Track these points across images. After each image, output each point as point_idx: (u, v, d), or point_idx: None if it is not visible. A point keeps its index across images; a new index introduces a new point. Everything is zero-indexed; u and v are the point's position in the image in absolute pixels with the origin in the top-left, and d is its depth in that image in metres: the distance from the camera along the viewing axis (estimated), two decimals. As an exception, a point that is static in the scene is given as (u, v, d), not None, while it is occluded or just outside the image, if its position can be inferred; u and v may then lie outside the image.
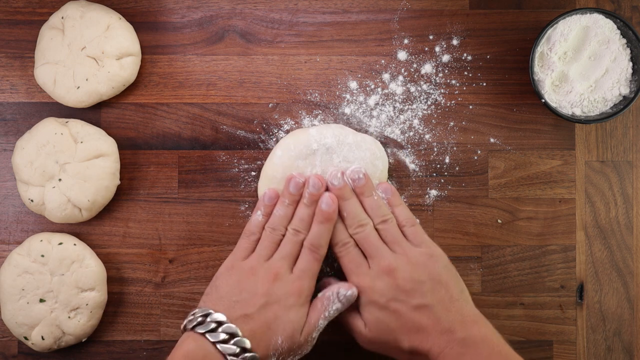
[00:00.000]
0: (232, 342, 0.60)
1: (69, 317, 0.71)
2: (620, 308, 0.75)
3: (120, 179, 0.74)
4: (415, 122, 0.75)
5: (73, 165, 0.71)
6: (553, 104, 0.72)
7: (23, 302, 0.71)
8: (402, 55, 0.75)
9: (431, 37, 0.75)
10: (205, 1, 0.76)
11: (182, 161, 0.75)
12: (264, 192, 0.71)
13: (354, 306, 0.67)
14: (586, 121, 0.72)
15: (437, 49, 0.75)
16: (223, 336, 0.60)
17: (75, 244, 0.72)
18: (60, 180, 0.71)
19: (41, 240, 0.72)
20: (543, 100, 0.72)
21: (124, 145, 0.75)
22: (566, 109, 0.72)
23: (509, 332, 0.75)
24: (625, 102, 0.71)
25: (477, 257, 0.75)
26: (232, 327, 0.61)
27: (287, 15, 0.76)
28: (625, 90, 0.71)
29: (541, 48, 0.72)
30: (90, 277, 0.72)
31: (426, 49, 0.75)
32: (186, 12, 0.76)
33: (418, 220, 0.73)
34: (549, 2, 0.76)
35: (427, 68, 0.75)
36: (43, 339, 0.71)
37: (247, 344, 0.60)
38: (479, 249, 0.75)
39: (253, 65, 0.76)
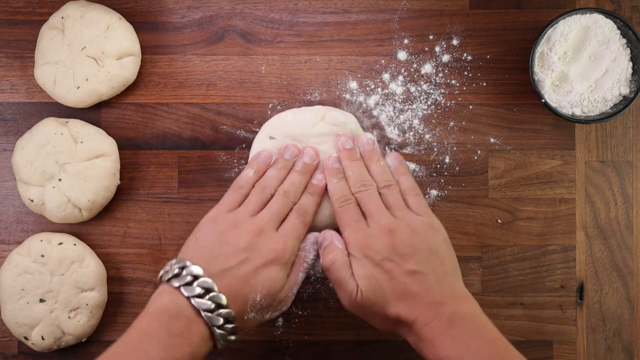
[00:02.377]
0: (207, 297, 0.59)
1: (69, 317, 0.71)
2: (620, 308, 0.75)
3: (120, 179, 0.74)
4: (415, 122, 0.75)
5: (73, 165, 0.71)
6: (553, 104, 0.72)
7: (23, 302, 0.71)
8: (402, 55, 0.75)
9: (431, 37, 0.75)
10: (205, 1, 0.76)
11: (182, 161, 0.75)
12: (258, 151, 0.70)
13: (347, 265, 0.64)
14: (586, 121, 0.72)
15: (437, 49, 0.75)
16: (198, 290, 0.59)
17: (75, 244, 0.72)
18: (60, 180, 0.71)
19: (41, 240, 0.72)
20: (543, 100, 0.72)
21: (124, 145, 0.75)
22: (566, 109, 0.72)
23: (509, 332, 0.75)
24: (625, 102, 0.71)
25: (477, 257, 0.75)
26: (208, 281, 0.59)
27: (287, 15, 0.76)
28: (625, 90, 0.71)
29: (541, 48, 0.72)
30: (90, 277, 0.72)
31: (426, 49, 0.75)
32: (186, 12, 0.76)
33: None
34: (549, 2, 0.76)
35: (427, 68, 0.75)
36: (43, 339, 0.71)
37: (223, 300, 0.59)
38: (479, 249, 0.75)
39: (253, 65, 0.76)
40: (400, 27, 0.76)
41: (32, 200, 0.72)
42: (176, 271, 0.60)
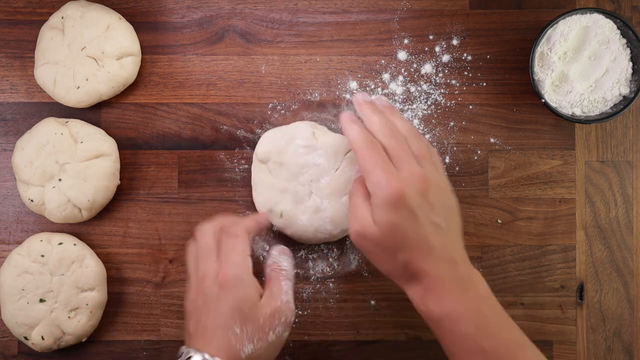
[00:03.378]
0: None
1: (69, 317, 0.71)
2: (620, 308, 0.75)
3: (120, 179, 0.74)
4: (415, 122, 0.75)
5: (73, 165, 0.71)
6: (553, 104, 0.72)
7: (23, 302, 0.71)
8: (402, 55, 0.75)
9: (431, 37, 0.75)
10: (205, 1, 0.76)
11: (182, 161, 0.75)
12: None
13: (362, 201, 0.62)
14: (586, 121, 0.72)
15: (437, 49, 0.75)
16: None
17: (75, 244, 0.72)
18: (60, 180, 0.71)
19: (41, 240, 0.72)
20: (543, 100, 0.72)
21: (124, 145, 0.75)
22: (566, 109, 0.72)
23: (509, 332, 0.75)
24: (625, 102, 0.71)
25: (477, 257, 0.75)
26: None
27: (287, 15, 0.76)
28: (625, 90, 0.71)
29: (541, 48, 0.72)
30: (90, 277, 0.72)
31: (426, 49, 0.75)
32: (186, 12, 0.76)
33: None
34: (549, 2, 0.76)
35: (427, 68, 0.75)
36: (43, 339, 0.71)
37: None
38: (479, 249, 0.75)
39: (253, 65, 0.76)
40: (400, 27, 0.76)
41: (32, 200, 0.72)
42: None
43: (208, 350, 0.59)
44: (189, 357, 0.59)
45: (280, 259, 0.67)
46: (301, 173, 0.71)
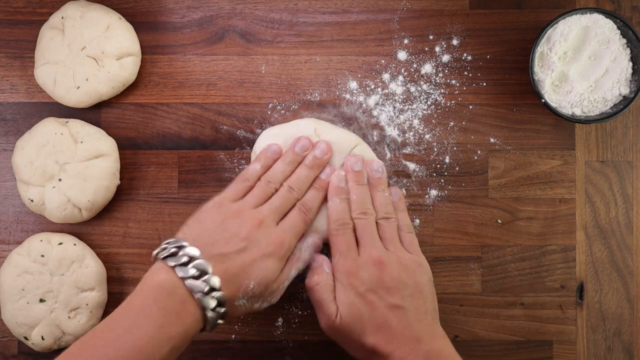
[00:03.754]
0: (202, 279, 0.59)
1: (69, 317, 0.71)
2: (620, 308, 0.75)
3: (120, 179, 0.74)
4: (415, 122, 0.75)
5: (73, 165, 0.71)
6: (553, 104, 0.72)
7: (23, 302, 0.71)
8: (402, 55, 0.75)
9: (431, 37, 0.75)
10: (205, 1, 0.76)
11: (182, 161, 0.75)
12: (267, 144, 0.70)
13: (331, 289, 0.65)
14: (586, 121, 0.72)
15: (437, 49, 0.75)
16: (192, 272, 0.59)
17: (75, 244, 0.72)
18: (60, 180, 0.71)
19: (41, 240, 0.72)
20: (543, 100, 0.72)
21: (124, 145, 0.75)
22: (566, 109, 0.72)
23: (509, 332, 0.75)
24: (625, 102, 0.71)
25: (477, 257, 0.75)
26: (203, 263, 0.59)
27: (287, 15, 0.76)
28: (625, 90, 0.71)
29: (541, 48, 0.72)
30: (90, 277, 0.72)
31: (426, 49, 0.75)
32: (186, 12, 0.76)
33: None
34: (549, 2, 0.76)
35: (427, 68, 0.75)
36: (43, 339, 0.71)
37: (217, 283, 0.59)
38: (479, 249, 0.75)
39: (253, 65, 0.76)
40: (400, 27, 0.76)
41: (32, 200, 0.72)
42: (172, 250, 0.60)
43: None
44: (181, 246, 0.60)
45: (307, 249, 0.68)
46: None
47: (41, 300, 0.71)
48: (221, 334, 0.75)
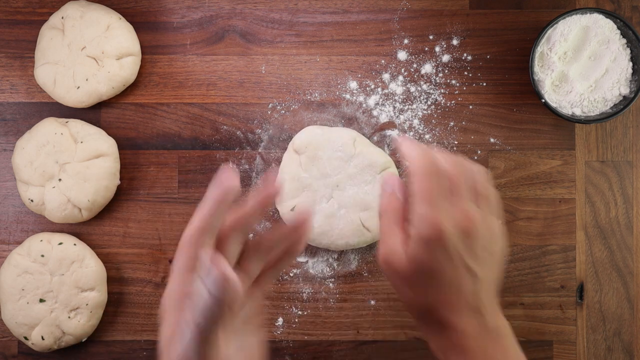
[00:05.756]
0: None
1: (69, 317, 0.71)
2: (620, 308, 0.75)
3: (120, 179, 0.74)
4: (415, 122, 0.75)
5: (73, 165, 0.71)
6: (553, 104, 0.72)
7: (23, 302, 0.71)
8: (402, 55, 0.75)
9: (431, 37, 0.75)
10: (205, 1, 0.76)
11: (182, 161, 0.75)
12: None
13: (395, 226, 0.56)
14: (586, 121, 0.72)
15: (437, 49, 0.75)
16: None
17: (75, 244, 0.72)
18: (60, 180, 0.71)
19: (41, 240, 0.72)
20: (543, 100, 0.72)
21: (124, 145, 0.75)
22: (566, 109, 0.72)
23: (509, 332, 0.75)
24: (625, 102, 0.71)
25: (477, 257, 0.75)
26: None
27: (287, 15, 0.76)
28: (625, 90, 0.71)
29: (541, 48, 0.72)
30: (90, 277, 0.72)
31: (426, 49, 0.75)
32: (186, 12, 0.76)
33: None
34: (549, 2, 0.76)
35: (427, 68, 0.75)
36: (43, 339, 0.71)
37: None
38: (479, 249, 0.75)
39: (253, 65, 0.76)
40: (400, 27, 0.76)
41: (32, 200, 0.72)
42: None
43: None
44: None
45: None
46: (329, 175, 0.71)
47: (41, 300, 0.71)
48: (221, 334, 0.75)
